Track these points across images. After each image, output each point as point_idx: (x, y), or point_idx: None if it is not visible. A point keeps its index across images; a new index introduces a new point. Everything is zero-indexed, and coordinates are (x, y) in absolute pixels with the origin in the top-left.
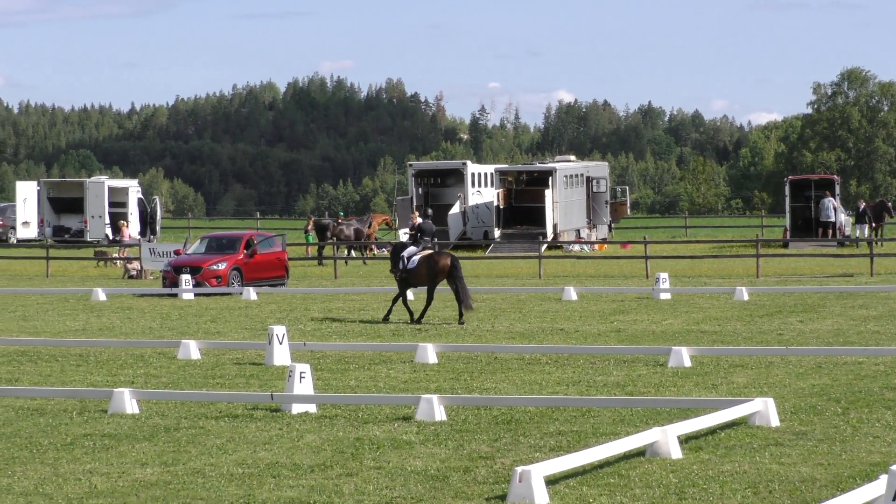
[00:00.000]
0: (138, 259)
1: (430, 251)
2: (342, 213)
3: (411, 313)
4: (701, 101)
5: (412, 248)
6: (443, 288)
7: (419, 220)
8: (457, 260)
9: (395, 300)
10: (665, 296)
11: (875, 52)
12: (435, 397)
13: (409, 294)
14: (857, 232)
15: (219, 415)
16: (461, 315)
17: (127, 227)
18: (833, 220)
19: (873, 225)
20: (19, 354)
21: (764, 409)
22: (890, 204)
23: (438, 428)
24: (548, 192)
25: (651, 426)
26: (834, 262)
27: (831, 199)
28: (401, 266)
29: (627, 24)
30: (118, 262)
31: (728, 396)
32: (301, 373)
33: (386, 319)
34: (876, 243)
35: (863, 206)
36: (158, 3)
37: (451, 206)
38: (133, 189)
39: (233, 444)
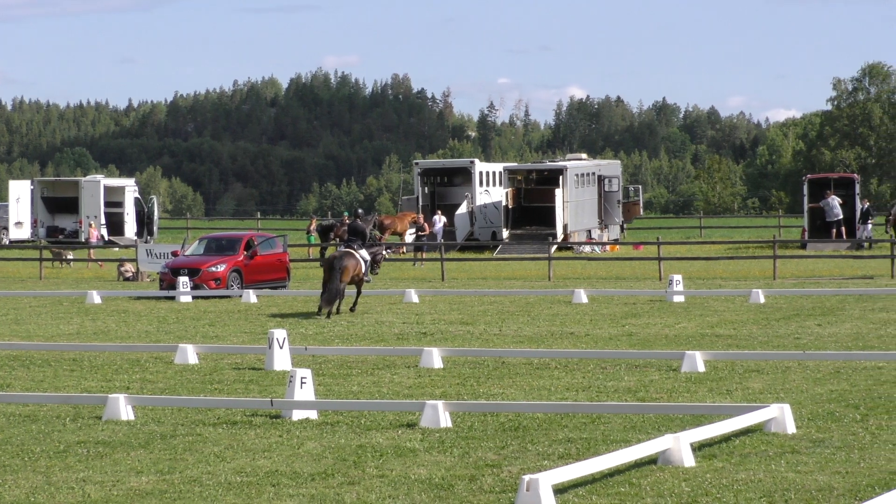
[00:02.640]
0: (134, 261)
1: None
2: (347, 213)
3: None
4: (717, 97)
5: (340, 249)
6: (448, 290)
7: (433, 220)
8: (340, 260)
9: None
10: (678, 298)
11: None
12: (440, 403)
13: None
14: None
15: (217, 421)
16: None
17: (94, 227)
18: (840, 218)
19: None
20: (11, 359)
21: (780, 415)
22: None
23: (443, 435)
24: (558, 192)
25: (663, 433)
26: (853, 263)
27: (835, 196)
28: None
29: (641, 18)
30: (72, 263)
31: (743, 402)
32: (302, 378)
33: (352, 310)
34: None
35: (866, 206)
36: None
37: (458, 205)
38: (130, 188)
39: (231, 452)
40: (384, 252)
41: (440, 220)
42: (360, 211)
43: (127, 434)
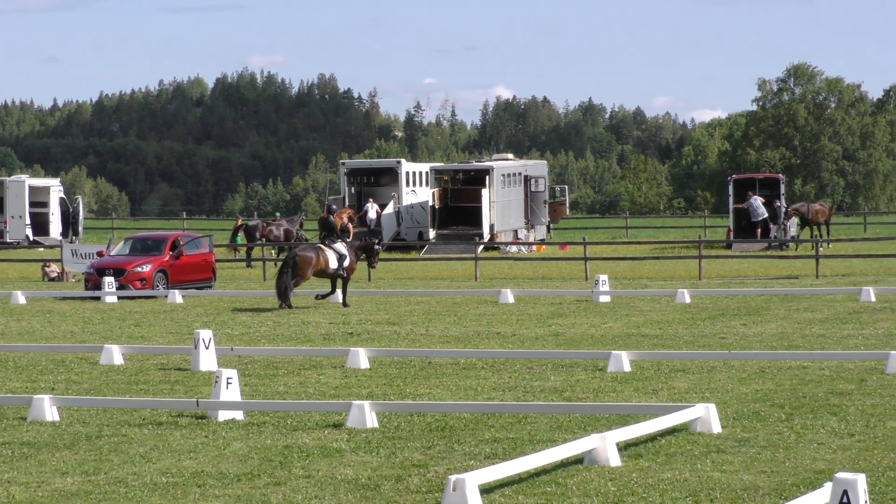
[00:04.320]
0: (59, 261)
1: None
2: (278, 213)
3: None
4: (642, 97)
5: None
6: (375, 290)
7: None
8: (292, 257)
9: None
10: (605, 298)
11: (822, 47)
12: (366, 403)
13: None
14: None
15: (142, 422)
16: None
17: None
18: (764, 217)
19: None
20: None
21: (705, 415)
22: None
23: (370, 435)
24: (484, 192)
25: (589, 433)
26: (778, 263)
27: (758, 197)
28: None
29: (567, 18)
30: None
31: (669, 402)
32: (228, 378)
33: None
34: (822, 244)
35: (777, 206)
36: None
37: (384, 205)
38: (55, 188)
39: (157, 453)
40: (377, 247)
41: (372, 207)
42: (333, 207)
43: (52, 435)
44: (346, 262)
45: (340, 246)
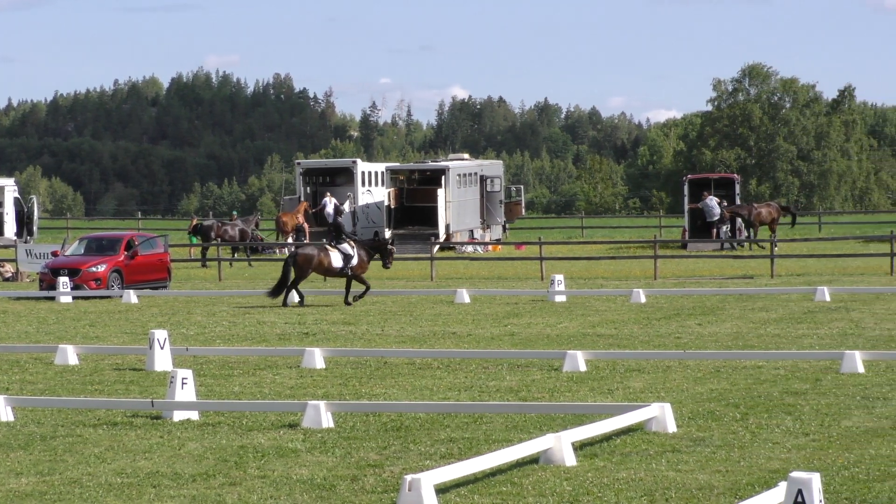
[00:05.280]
0: (14, 261)
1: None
2: (235, 213)
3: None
4: (598, 97)
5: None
6: (330, 290)
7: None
8: (294, 255)
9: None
10: (560, 298)
11: (777, 47)
12: (322, 404)
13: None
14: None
15: (97, 422)
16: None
17: None
18: (719, 217)
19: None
20: None
21: (661, 414)
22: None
23: (325, 435)
24: (440, 192)
25: (545, 432)
26: (733, 263)
27: (713, 197)
28: None
29: (523, 17)
30: None
31: (624, 402)
32: (183, 379)
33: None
34: (776, 244)
35: (724, 205)
36: None
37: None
38: (9, 188)
39: (112, 453)
40: (391, 247)
41: (331, 202)
42: (342, 208)
43: (6, 435)
44: (354, 262)
45: (347, 246)
